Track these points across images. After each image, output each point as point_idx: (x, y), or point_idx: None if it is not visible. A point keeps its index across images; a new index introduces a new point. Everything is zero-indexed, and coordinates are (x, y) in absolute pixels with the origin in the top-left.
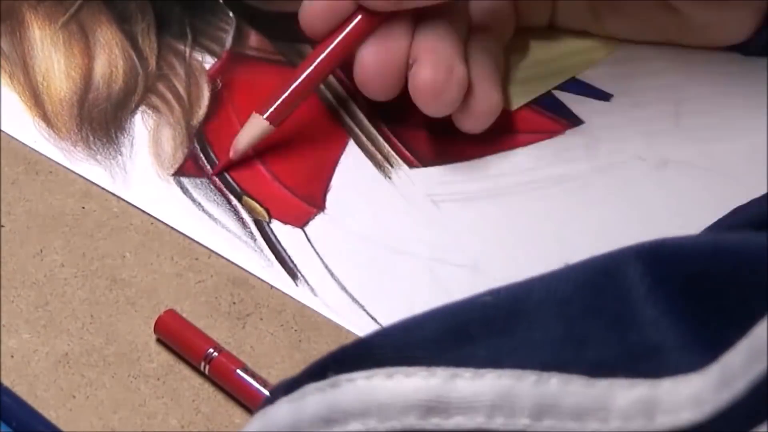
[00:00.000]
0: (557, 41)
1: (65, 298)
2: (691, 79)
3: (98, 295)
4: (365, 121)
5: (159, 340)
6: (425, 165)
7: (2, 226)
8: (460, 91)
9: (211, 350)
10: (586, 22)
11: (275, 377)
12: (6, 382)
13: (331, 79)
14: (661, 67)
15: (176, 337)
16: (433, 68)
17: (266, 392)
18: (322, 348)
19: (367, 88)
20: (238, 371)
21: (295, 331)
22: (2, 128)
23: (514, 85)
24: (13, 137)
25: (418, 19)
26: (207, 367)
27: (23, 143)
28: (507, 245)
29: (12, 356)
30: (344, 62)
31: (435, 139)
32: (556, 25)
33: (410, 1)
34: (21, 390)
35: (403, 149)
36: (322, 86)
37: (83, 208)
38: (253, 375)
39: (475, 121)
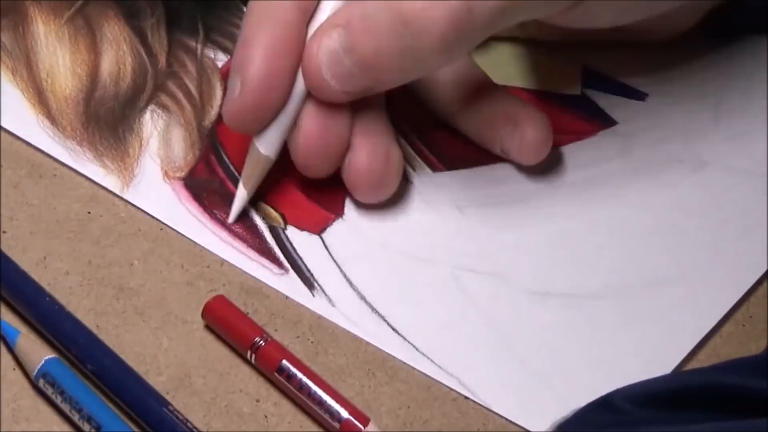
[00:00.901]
0: None
1: (70, 307)
2: (730, 77)
3: (105, 304)
4: None
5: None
6: (449, 168)
7: (4, 232)
8: (398, 176)
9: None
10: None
11: None
12: (7, 396)
13: None
14: (699, 65)
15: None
16: (369, 156)
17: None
18: (339, 361)
19: (303, 159)
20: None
21: (312, 342)
22: (3, 125)
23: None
24: (15, 138)
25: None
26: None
27: (26, 144)
28: (535, 253)
29: (14, 369)
30: None
31: (459, 141)
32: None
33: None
34: (24, 404)
35: (426, 152)
36: None
37: (89, 213)
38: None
39: (531, 151)
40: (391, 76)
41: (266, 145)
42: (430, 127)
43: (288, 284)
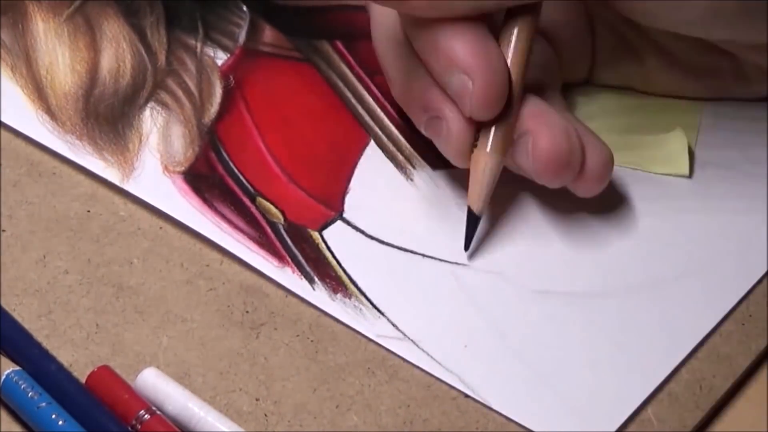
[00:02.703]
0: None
1: (69, 306)
2: None
3: (104, 303)
4: (386, 120)
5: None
6: (450, 166)
7: (3, 230)
8: (581, 154)
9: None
10: (628, 75)
11: (291, 390)
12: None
13: (351, 76)
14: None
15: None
16: (551, 136)
17: None
18: (339, 360)
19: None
20: None
21: (312, 341)
22: (3, 120)
23: None
24: (15, 136)
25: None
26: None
27: (26, 142)
28: (535, 251)
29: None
30: None
31: None
32: (594, 81)
33: None
34: None
35: (427, 150)
36: (340, 83)
37: (88, 211)
38: None
39: (593, 183)
40: None
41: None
42: None
43: (288, 277)
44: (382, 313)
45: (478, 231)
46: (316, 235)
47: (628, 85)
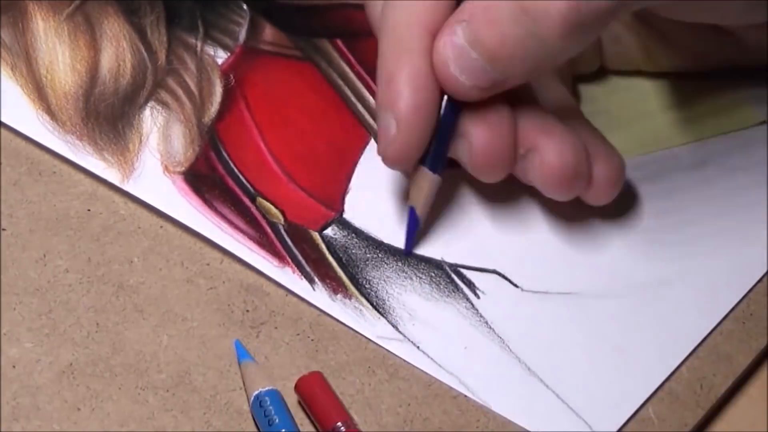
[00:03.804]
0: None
1: (70, 305)
2: None
3: (104, 302)
4: None
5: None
6: (450, 165)
7: (3, 229)
8: (588, 169)
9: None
10: (636, 62)
11: (291, 389)
12: (7, 394)
13: (351, 75)
14: None
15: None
16: (558, 152)
17: None
18: (340, 358)
19: (479, 168)
20: None
21: (312, 340)
22: (3, 120)
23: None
24: (15, 135)
25: (511, 95)
26: None
27: (26, 142)
28: (535, 251)
29: (14, 366)
30: None
31: None
32: (606, 68)
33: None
34: (23, 402)
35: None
36: (341, 82)
37: (89, 210)
38: None
39: (605, 191)
40: (519, 67)
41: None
42: None
43: (288, 278)
44: (382, 315)
45: (479, 231)
46: (316, 235)
47: (637, 69)
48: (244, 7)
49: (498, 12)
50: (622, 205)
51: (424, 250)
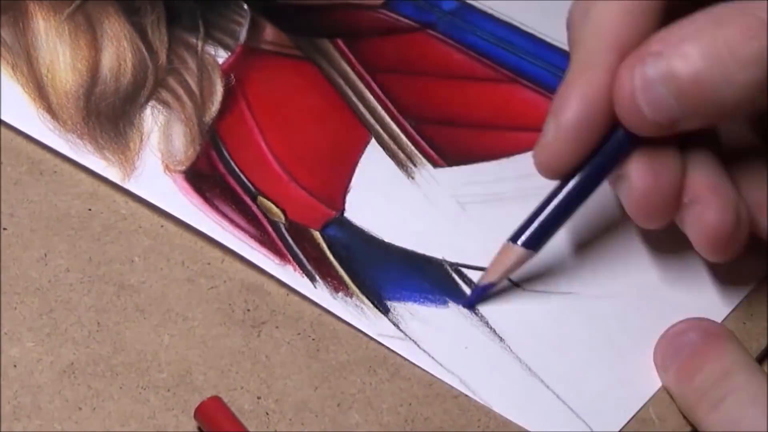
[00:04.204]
0: None
1: (70, 304)
2: None
3: (105, 301)
4: (387, 118)
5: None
6: (450, 164)
7: (4, 228)
8: (746, 236)
9: None
10: None
11: (292, 388)
12: (8, 393)
13: (352, 74)
14: None
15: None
16: (720, 212)
17: None
18: (341, 358)
19: (639, 214)
20: None
21: (313, 339)
22: (4, 119)
23: None
24: (16, 134)
25: (684, 143)
26: None
27: (27, 141)
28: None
29: (15, 366)
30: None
31: (461, 136)
32: None
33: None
34: (24, 401)
35: (427, 147)
36: (341, 81)
37: (90, 209)
38: None
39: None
40: (706, 109)
41: (531, 242)
42: (431, 122)
43: (290, 275)
44: (383, 313)
45: (479, 228)
46: (317, 234)
47: None
48: (245, 6)
49: (696, 48)
50: (622, 205)
51: (425, 249)
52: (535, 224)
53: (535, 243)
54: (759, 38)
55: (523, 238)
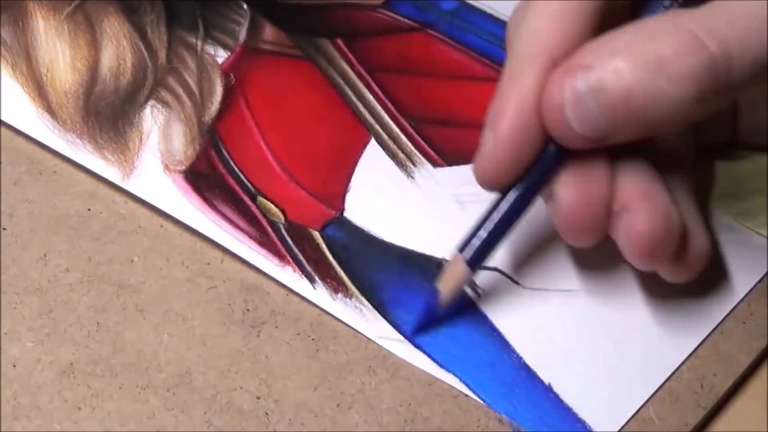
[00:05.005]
0: None
1: (70, 304)
2: None
3: (105, 301)
4: (386, 118)
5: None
6: (450, 164)
7: (3, 228)
8: (677, 244)
9: None
10: None
11: (292, 388)
12: (7, 393)
13: (351, 74)
14: None
15: None
16: (650, 219)
17: None
18: (341, 358)
19: (568, 232)
20: None
21: (313, 340)
22: (3, 118)
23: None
24: (15, 134)
25: (615, 153)
26: None
27: (26, 141)
28: (537, 248)
29: (14, 366)
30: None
31: (460, 136)
32: (738, 142)
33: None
34: (24, 401)
35: (427, 147)
36: (341, 81)
37: (89, 209)
38: None
39: (686, 272)
40: (637, 124)
41: (473, 261)
42: (431, 122)
43: (289, 277)
44: (383, 314)
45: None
46: (316, 234)
47: None
48: (245, 6)
49: (627, 62)
50: None
51: (425, 248)
52: (476, 242)
53: (475, 262)
54: (691, 54)
55: (470, 253)
